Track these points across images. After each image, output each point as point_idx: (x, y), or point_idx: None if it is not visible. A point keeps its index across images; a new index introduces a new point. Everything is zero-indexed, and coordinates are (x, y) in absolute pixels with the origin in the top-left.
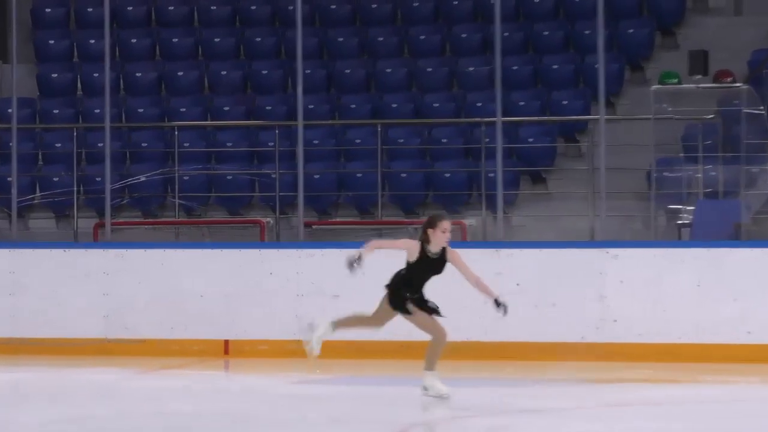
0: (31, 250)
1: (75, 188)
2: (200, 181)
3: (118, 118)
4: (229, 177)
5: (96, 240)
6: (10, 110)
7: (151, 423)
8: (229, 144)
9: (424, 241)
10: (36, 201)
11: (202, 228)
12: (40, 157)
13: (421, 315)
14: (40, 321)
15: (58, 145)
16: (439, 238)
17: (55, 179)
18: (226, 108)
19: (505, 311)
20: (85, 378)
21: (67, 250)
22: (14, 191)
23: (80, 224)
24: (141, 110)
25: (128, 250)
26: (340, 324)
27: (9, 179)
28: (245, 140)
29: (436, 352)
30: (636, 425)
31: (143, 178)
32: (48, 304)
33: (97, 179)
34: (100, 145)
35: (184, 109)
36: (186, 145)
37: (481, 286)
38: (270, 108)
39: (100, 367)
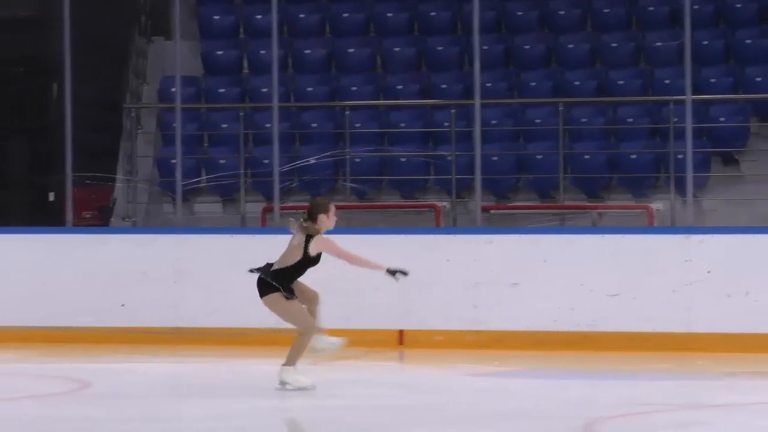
0: (197, 235)
1: (242, 171)
2: (372, 164)
3: (286, 97)
4: (402, 159)
5: (264, 225)
6: (173, 89)
7: (324, 416)
8: (402, 124)
9: (312, 231)
10: (201, 184)
11: (374, 212)
12: (205, 138)
13: (295, 305)
14: (205, 310)
15: (224, 125)
16: (331, 222)
17: (222, 161)
18: (399, 86)
19: (404, 274)
20: (253, 369)
21: (233, 235)
22: (179, 174)
23: (247, 208)
24: (310, 89)
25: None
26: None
27: (173, 162)
28: (419, 120)
29: (304, 346)
30: None
31: (313, 161)
32: (214, 293)
33: (264, 161)
34: (267, 125)
35: (355, 88)
36: (357, 125)
37: (362, 263)
38: (445, 86)
39: (269, 359)
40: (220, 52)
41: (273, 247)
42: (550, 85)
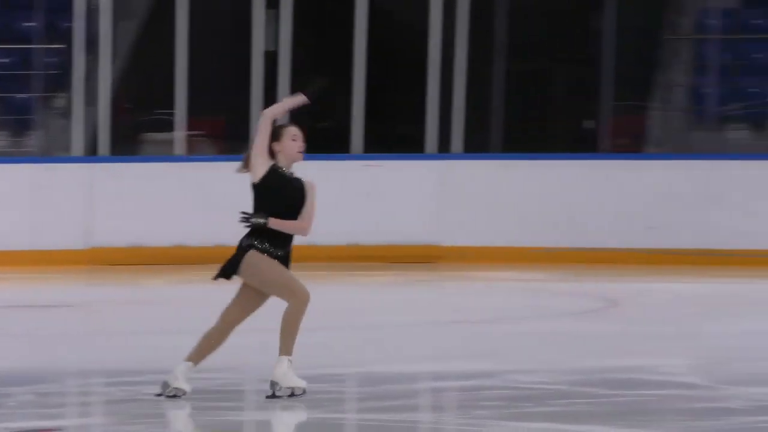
0: (727, 161)
1: None
2: None
3: None
4: None
5: None
6: (711, 21)
7: None
8: None
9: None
10: (733, 112)
11: None
12: (737, 68)
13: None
14: (732, 232)
15: (759, 55)
16: (290, 149)
17: (753, 90)
18: None
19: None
20: None
21: (763, 161)
22: (712, 103)
23: None
24: None
25: None
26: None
27: (706, 91)
28: None
29: (298, 324)
30: None
31: None
32: (740, 216)
33: None
34: None
35: None
36: None
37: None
38: None
39: None
40: None
41: None
42: None
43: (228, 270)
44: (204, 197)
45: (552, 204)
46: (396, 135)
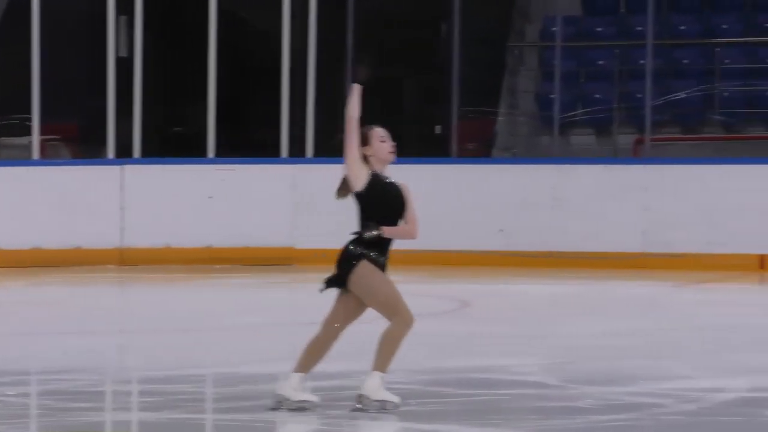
0: (573, 165)
1: (616, 105)
2: (741, 98)
3: (660, 35)
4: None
5: (635, 156)
6: (554, 28)
7: (693, 336)
8: None
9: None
10: (577, 117)
11: (742, 144)
12: (582, 74)
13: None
14: (580, 235)
15: (601, 62)
16: (380, 151)
17: (597, 96)
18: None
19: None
20: (624, 291)
21: (606, 165)
22: (557, 108)
23: (620, 140)
24: (683, 27)
25: (668, 166)
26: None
27: (552, 96)
28: None
29: (398, 344)
30: None
31: (683, 95)
32: (587, 219)
33: (637, 95)
34: (641, 62)
35: (726, 26)
36: (727, 61)
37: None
38: None
39: (639, 281)
40: None
41: (644, 176)
42: None
43: (339, 281)
44: (60, 200)
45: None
46: (251, 140)
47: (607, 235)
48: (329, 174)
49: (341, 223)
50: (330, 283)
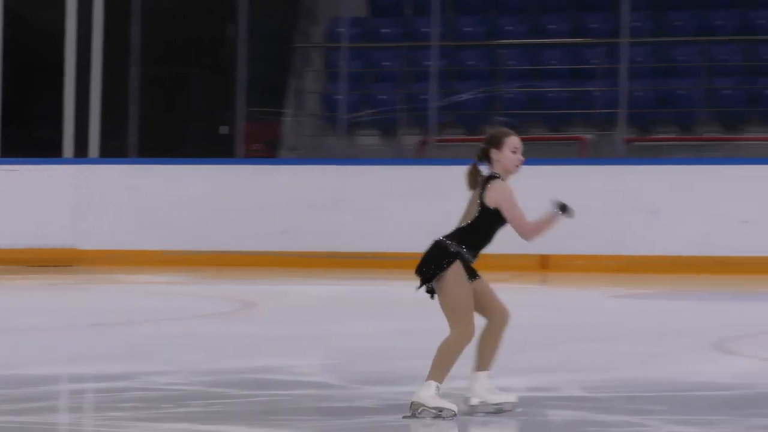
0: (357, 166)
1: (401, 106)
2: (523, 99)
3: (445, 36)
4: (550, 94)
5: (419, 156)
6: (340, 30)
7: None
8: (553, 62)
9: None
10: (363, 119)
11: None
12: (368, 76)
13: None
14: (362, 235)
15: (387, 63)
16: (509, 161)
17: (382, 97)
18: (552, 26)
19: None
20: (406, 291)
21: (392, 166)
22: (343, 109)
23: (405, 141)
24: (468, 29)
25: (452, 166)
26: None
27: (337, 97)
28: (569, 58)
29: (454, 356)
30: None
31: (467, 96)
32: (370, 219)
33: (422, 97)
34: (427, 63)
35: (510, 28)
36: (510, 63)
37: (533, 233)
38: (596, 26)
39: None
40: None
41: (427, 177)
42: (694, 24)
43: (431, 277)
44: None
45: (188, 208)
46: (34, 139)
47: (391, 236)
48: (113, 174)
49: (125, 225)
50: (425, 279)
